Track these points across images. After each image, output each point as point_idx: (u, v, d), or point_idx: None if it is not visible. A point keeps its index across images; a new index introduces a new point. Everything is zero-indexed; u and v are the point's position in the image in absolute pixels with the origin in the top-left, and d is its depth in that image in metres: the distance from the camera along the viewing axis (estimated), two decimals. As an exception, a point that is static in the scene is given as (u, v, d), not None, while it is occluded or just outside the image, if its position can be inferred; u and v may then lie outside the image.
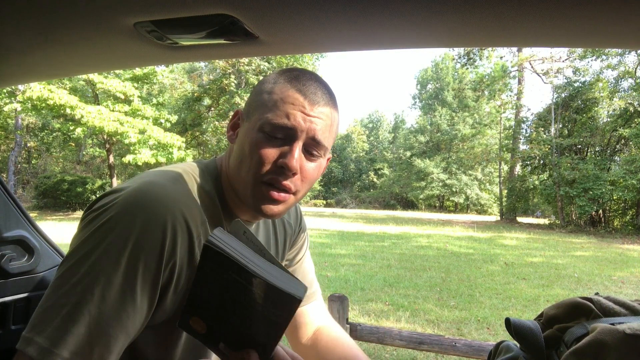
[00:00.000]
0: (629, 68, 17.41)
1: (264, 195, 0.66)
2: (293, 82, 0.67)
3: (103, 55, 0.88)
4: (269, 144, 0.65)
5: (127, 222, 0.58)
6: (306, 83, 0.67)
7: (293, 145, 0.65)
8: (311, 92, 0.67)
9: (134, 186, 0.63)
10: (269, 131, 0.65)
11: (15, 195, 1.20)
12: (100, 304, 0.55)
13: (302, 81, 0.67)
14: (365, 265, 7.56)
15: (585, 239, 13.48)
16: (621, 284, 6.42)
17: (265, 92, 0.68)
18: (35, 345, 0.53)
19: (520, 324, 0.72)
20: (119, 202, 0.60)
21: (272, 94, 0.67)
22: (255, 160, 0.65)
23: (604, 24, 0.62)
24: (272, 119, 0.64)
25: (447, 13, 0.62)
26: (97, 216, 0.60)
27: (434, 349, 2.29)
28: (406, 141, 36.33)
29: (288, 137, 0.65)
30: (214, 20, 0.68)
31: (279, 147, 0.65)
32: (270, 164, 0.65)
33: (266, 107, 0.66)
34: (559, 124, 19.09)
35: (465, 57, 24.06)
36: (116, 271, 0.56)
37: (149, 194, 0.61)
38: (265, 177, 0.65)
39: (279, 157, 0.65)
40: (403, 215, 25.09)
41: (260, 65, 21.34)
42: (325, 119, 0.68)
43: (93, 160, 26.41)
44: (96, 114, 13.01)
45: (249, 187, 0.67)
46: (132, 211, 0.59)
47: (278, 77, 0.69)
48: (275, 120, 0.64)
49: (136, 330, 0.60)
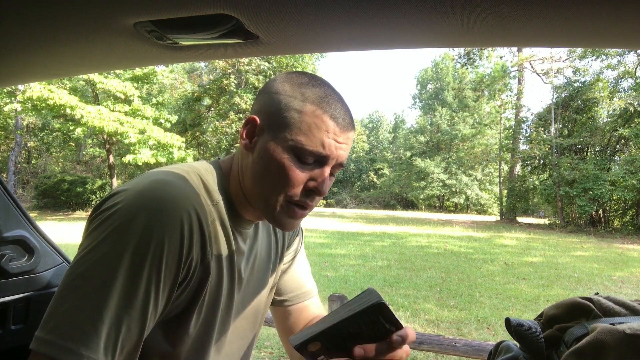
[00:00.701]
0: (629, 68, 17.42)
1: (289, 213, 0.69)
2: (323, 105, 0.67)
3: (103, 55, 0.88)
4: (300, 166, 0.66)
5: (145, 221, 0.58)
6: (336, 107, 0.68)
7: (324, 170, 0.68)
8: (342, 118, 0.68)
9: (145, 184, 0.63)
10: (301, 155, 0.66)
11: (15, 195, 1.20)
12: (126, 303, 0.56)
13: (332, 104, 0.68)
14: (365, 265, 7.56)
15: (585, 238, 13.48)
16: (621, 284, 6.42)
17: (293, 110, 0.67)
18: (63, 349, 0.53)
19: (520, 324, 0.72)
20: (132, 200, 0.60)
21: (302, 115, 0.66)
22: (284, 181, 0.66)
23: (604, 24, 0.62)
24: (307, 144, 0.65)
25: (447, 13, 0.62)
26: (111, 215, 0.60)
27: (434, 349, 2.29)
28: (406, 141, 36.33)
29: (319, 162, 0.67)
30: (214, 20, 0.68)
31: (310, 170, 0.67)
32: (301, 187, 0.67)
33: (298, 129, 0.66)
34: (559, 124, 19.09)
35: (465, 57, 24.07)
36: (139, 271, 0.57)
37: (163, 191, 0.62)
38: (295, 198, 0.68)
39: (309, 180, 0.67)
40: (403, 215, 25.09)
41: (260, 65, 21.34)
42: (350, 143, 0.71)
43: (93, 160, 26.41)
44: (96, 114, 13.02)
45: (273, 204, 0.68)
46: (149, 209, 0.59)
47: (304, 93, 0.68)
48: (310, 147, 0.65)
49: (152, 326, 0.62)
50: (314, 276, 1.05)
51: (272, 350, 3.46)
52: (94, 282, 0.56)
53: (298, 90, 0.68)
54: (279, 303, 0.95)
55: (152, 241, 0.57)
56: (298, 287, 0.96)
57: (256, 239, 0.83)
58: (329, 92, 0.69)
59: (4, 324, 1.12)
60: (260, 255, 0.85)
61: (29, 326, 1.17)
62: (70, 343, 0.53)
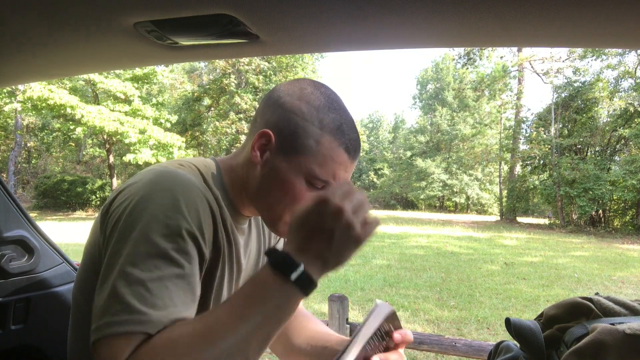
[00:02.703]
0: (629, 68, 17.41)
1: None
2: (339, 136, 0.69)
3: (103, 55, 0.88)
4: (309, 189, 0.69)
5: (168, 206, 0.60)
6: (350, 136, 0.70)
7: None
8: (353, 147, 0.71)
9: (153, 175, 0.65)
10: (312, 181, 0.69)
11: (15, 195, 1.20)
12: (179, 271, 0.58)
13: (347, 134, 0.70)
14: (365, 265, 7.56)
15: (585, 239, 13.48)
16: (621, 284, 6.42)
17: (310, 138, 0.68)
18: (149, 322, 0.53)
19: (520, 324, 0.72)
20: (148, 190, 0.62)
21: (320, 145, 0.68)
22: (292, 200, 0.69)
23: (604, 24, 0.62)
24: (320, 174, 0.69)
25: (447, 13, 0.62)
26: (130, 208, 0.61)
27: (434, 349, 2.29)
28: (406, 141, 36.32)
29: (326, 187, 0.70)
30: (214, 20, 0.68)
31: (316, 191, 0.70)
32: None
33: (313, 157, 0.68)
34: (559, 124, 19.08)
35: (465, 57, 24.05)
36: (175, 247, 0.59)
37: (174, 178, 0.64)
38: None
39: None
40: (403, 215, 25.08)
41: (260, 65, 21.34)
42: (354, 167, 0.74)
43: (93, 160, 26.41)
44: (96, 113, 13.02)
45: (277, 217, 0.72)
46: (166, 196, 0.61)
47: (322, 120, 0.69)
48: (323, 177, 0.69)
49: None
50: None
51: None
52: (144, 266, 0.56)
53: (316, 115, 0.69)
54: None
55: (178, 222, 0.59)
56: None
57: (250, 235, 0.85)
58: (343, 118, 0.71)
59: (4, 324, 1.12)
60: (252, 251, 0.87)
61: (29, 326, 1.17)
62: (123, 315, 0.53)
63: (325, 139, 0.68)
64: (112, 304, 0.54)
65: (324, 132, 0.69)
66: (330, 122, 0.69)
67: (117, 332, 0.52)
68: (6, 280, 1.13)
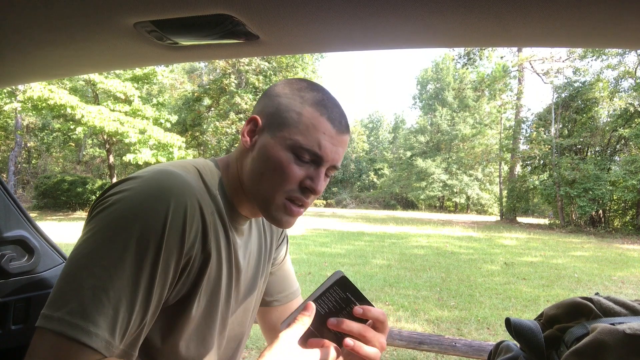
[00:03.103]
0: (629, 68, 17.41)
1: (285, 209, 0.72)
2: (321, 108, 0.71)
3: (103, 55, 0.88)
4: (297, 164, 0.70)
5: (150, 206, 0.60)
6: (333, 110, 0.72)
7: (319, 171, 0.71)
8: (338, 121, 0.71)
9: (149, 174, 0.65)
10: (299, 153, 0.69)
11: (15, 195, 1.20)
12: (132, 285, 0.58)
13: (329, 108, 0.71)
14: (365, 265, 7.56)
15: (585, 239, 13.48)
16: (621, 284, 6.42)
17: (292, 111, 0.70)
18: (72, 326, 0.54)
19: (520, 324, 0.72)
20: (138, 188, 0.63)
21: (301, 116, 0.70)
22: (281, 177, 0.70)
23: (604, 24, 0.62)
24: (305, 143, 0.69)
25: (447, 13, 0.62)
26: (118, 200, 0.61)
27: (434, 349, 2.29)
28: (406, 141, 36.33)
29: (315, 161, 0.71)
30: (214, 20, 0.68)
31: (306, 169, 0.70)
32: (297, 184, 0.71)
33: (296, 128, 0.69)
34: (559, 124, 19.08)
35: (465, 57, 24.05)
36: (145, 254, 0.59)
37: (167, 180, 0.64)
38: (290, 194, 0.71)
39: (305, 178, 0.71)
40: (403, 215, 25.09)
41: (260, 65, 21.34)
42: (345, 147, 0.74)
43: (93, 160, 26.43)
44: (96, 114, 13.02)
45: (270, 200, 0.71)
46: (154, 196, 0.61)
47: (303, 96, 0.71)
48: (307, 145, 0.69)
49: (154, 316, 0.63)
50: (314, 276, 1.06)
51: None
52: (101, 263, 0.57)
53: (297, 93, 0.72)
54: (269, 303, 0.99)
55: (157, 226, 0.60)
56: (286, 288, 1.01)
57: (250, 237, 0.85)
58: (326, 96, 0.73)
59: (4, 324, 1.12)
60: (252, 253, 0.86)
61: (29, 326, 1.17)
62: (79, 320, 0.54)
63: (306, 110, 0.70)
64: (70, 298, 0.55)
65: (305, 105, 0.70)
66: (312, 98, 0.71)
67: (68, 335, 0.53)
68: (6, 280, 1.13)
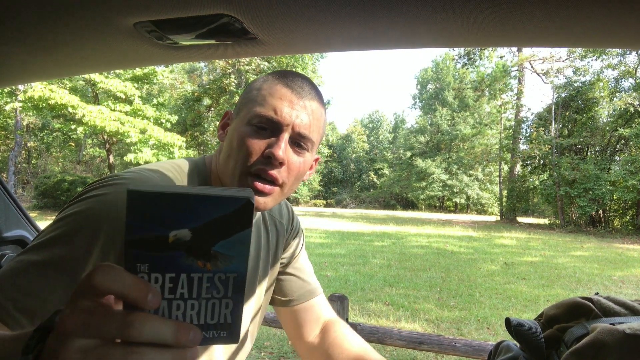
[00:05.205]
0: (629, 68, 17.40)
1: (250, 187, 0.67)
2: (281, 78, 0.70)
3: (103, 55, 0.88)
4: (257, 135, 0.67)
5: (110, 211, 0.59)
6: (294, 79, 0.70)
7: (280, 137, 0.67)
8: (298, 86, 0.69)
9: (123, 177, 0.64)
10: (257, 123, 0.67)
11: (15, 195, 1.20)
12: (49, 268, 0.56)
13: (290, 77, 0.70)
14: (365, 265, 7.56)
15: (585, 238, 13.48)
16: (621, 284, 6.42)
17: (254, 89, 0.71)
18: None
19: (520, 324, 0.72)
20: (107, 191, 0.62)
21: (260, 90, 0.69)
22: (242, 151, 0.67)
23: (604, 24, 0.62)
24: (260, 111, 0.67)
25: (447, 13, 0.62)
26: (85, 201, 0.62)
27: (434, 349, 2.29)
28: (406, 141, 36.34)
29: (275, 129, 0.67)
30: (214, 20, 0.68)
31: (266, 138, 0.67)
32: (258, 155, 0.66)
33: (255, 101, 0.69)
34: (559, 124, 19.08)
35: (465, 57, 24.07)
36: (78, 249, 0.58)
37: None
38: (253, 167, 0.67)
39: (266, 147, 0.67)
40: (403, 215, 25.09)
41: (260, 65, 21.35)
42: (311, 113, 0.70)
43: (93, 160, 26.42)
44: (97, 113, 13.03)
45: (235, 179, 0.68)
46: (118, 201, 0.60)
47: (267, 77, 0.72)
48: (263, 112, 0.67)
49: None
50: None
51: (272, 350, 3.46)
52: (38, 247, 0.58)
53: (264, 77, 0.72)
54: (285, 303, 0.94)
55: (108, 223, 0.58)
56: (302, 286, 0.95)
57: None
58: (290, 72, 0.72)
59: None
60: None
61: (29, 326, 1.17)
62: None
63: (266, 84, 0.70)
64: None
65: (266, 81, 0.71)
66: (274, 74, 0.71)
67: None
68: (6, 280, 1.13)
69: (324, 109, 0.74)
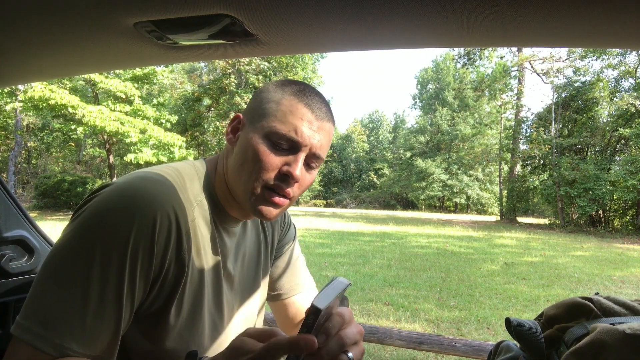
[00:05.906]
0: (629, 68, 17.40)
1: (266, 199, 0.70)
2: (300, 96, 0.70)
3: (103, 55, 0.87)
4: (275, 152, 0.69)
5: (120, 218, 0.61)
6: (313, 98, 0.71)
7: (297, 156, 0.69)
8: (317, 107, 0.71)
9: (124, 182, 0.65)
10: (276, 140, 0.68)
11: (15, 195, 1.20)
12: (100, 295, 0.58)
13: (309, 96, 0.71)
14: (365, 265, 7.56)
15: (585, 238, 13.47)
16: (621, 284, 6.42)
17: (272, 102, 0.70)
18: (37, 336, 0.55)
19: (520, 324, 0.71)
20: (108, 197, 0.63)
21: (279, 105, 0.70)
22: (259, 166, 0.68)
23: (604, 24, 0.62)
24: (280, 129, 0.68)
25: (447, 13, 0.62)
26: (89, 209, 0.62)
27: (434, 349, 2.29)
28: (406, 141, 36.35)
29: (293, 148, 0.69)
30: (214, 20, 0.68)
31: (284, 156, 0.69)
32: (275, 171, 0.69)
33: (274, 116, 0.69)
34: (559, 124, 19.08)
35: (465, 57, 24.07)
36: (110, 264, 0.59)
37: (139, 189, 0.64)
38: (269, 182, 0.69)
39: (283, 165, 0.69)
40: (403, 215, 25.09)
41: (260, 65, 21.35)
42: (326, 135, 0.72)
43: (93, 160, 26.43)
44: (97, 113, 13.03)
45: (250, 190, 0.70)
46: (125, 207, 0.62)
47: (284, 89, 0.72)
48: (283, 131, 0.68)
49: (127, 323, 0.64)
50: (313, 276, 1.05)
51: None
52: (70, 273, 0.58)
53: (279, 88, 0.73)
54: (276, 297, 0.97)
55: (120, 241, 0.60)
56: (292, 280, 0.98)
57: (244, 238, 0.84)
58: (307, 88, 0.73)
59: (4, 324, 1.12)
60: (249, 254, 0.86)
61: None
62: (44, 331, 0.55)
63: (285, 99, 0.70)
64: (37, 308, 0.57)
65: (285, 95, 0.71)
66: (292, 89, 0.72)
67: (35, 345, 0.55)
68: (6, 280, 1.13)
69: (334, 125, 0.77)
